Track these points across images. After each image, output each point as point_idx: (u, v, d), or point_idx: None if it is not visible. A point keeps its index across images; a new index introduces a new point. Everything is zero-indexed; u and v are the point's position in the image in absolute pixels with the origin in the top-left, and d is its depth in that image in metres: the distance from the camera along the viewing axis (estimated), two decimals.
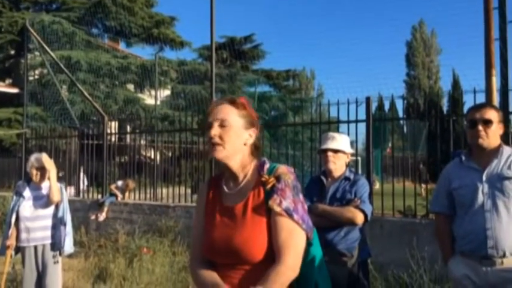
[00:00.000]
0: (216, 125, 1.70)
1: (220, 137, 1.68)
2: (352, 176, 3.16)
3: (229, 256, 1.65)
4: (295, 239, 1.62)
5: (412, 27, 41.68)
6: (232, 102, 1.74)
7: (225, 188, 1.77)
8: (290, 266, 1.58)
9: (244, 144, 1.73)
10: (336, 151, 3.14)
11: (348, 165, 3.27)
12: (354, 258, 2.99)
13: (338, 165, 3.15)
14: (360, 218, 2.96)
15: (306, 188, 3.33)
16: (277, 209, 1.62)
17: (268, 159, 1.78)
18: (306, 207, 1.71)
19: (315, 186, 3.22)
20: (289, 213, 1.62)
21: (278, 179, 1.67)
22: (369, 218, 3.03)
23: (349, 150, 3.26)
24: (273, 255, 1.62)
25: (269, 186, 1.66)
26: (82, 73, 19.05)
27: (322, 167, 3.41)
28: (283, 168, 1.71)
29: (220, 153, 1.69)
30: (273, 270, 1.57)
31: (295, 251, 1.61)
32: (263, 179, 1.69)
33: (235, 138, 1.70)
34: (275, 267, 1.57)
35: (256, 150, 1.78)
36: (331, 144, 3.15)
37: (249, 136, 1.74)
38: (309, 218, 1.71)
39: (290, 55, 62.00)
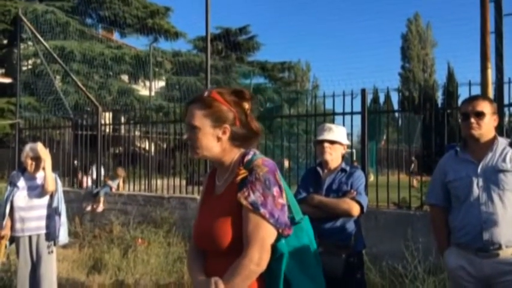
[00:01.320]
0: (187, 129, 1.76)
1: (191, 140, 1.74)
2: (348, 168, 3.15)
3: (207, 244, 1.71)
4: (261, 233, 1.59)
5: (407, 20, 41.70)
6: (199, 101, 1.73)
7: (217, 180, 1.81)
8: (253, 260, 1.57)
9: (218, 141, 1.72)
10: (332, 142, 3.13)
11: (344, 157, 3.27)
12: (349, 250, 3.00)
13: (334, 157, 3.14)
14: (356, 210, 2.97)
15: (302, 179, 3.33)
16: (243, 202, 1.61)
17: (255, 150, 1.76)
18: (281, 201, 1.65)
19: (311, 178, 3.21)
20: (255, 207, 1.60)
21: (251, 171, 1.65)
22: (364, 209, 3.04)
23: (346, 141, 3.24)
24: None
25: (239, 178, 1.66)
26: (76, 63, 18.93)
27: (318, 159, 3.40)
28: (258, 161, 1.68)
29: (195, 155, 1.76)
30: (237, 263, 1.59)
31: (260, 245, 1.59)
32: (237, 170, 1.69)
33: (204, 139, 1.72)
34: (239, 260, 1.59)
35: (240, 140, 1.74)
36: (327, 135, 3.14)
37: (222, 132, 1.71)
38: (283, 213, 1.65)
39: (285, 46, 61.95)
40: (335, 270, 2.87)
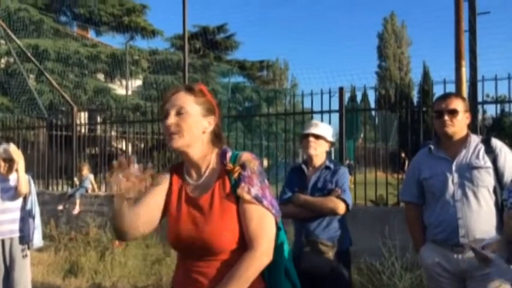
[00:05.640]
0: (172, 113, 1.65)
1: (178, 126, 1.64)
2: (332, 166, 3.15)
3: (198, 249, 1.63)
4: (267, 224, 1.62)
5: (383, 19, 42.24)
6: (190, 90, 1.71)
7: (188, 179, 1.73)
8: (264, 251, 1.59)
9: (203, 132, 1.69)
10: (317, 137, 3.11)
11: (328, 155, 3.27)
12: (335, 248, 2.99)
13: (319, 152, 3.12)
14: (341, 208, 2.97)
15: (287, 178, 3.32)
16: (246, 197, 1.61)
17: (229, 147, 1.75)
18: (271, 191, 1.70)
19: (296, 176, 3.19)
20: (259, 200, 1.61)
21: (243, 166, 1.65)
22: (350, 207, 3.04)
23: (331, 138, 3.22)
24: (243, 244, 1.61)
25: (235, 175, 1.64)
26: (50, 62, 18.52)
27: (303, 154, 3.40)
28: (247, 155, 1.69)
29: (178, 142, 1.64)
30: (246, 257, 1.57)
31: (267, 236, 1.61)
32: (228, 167, 1.66)
33: (193, 126, 1.66)
34: (249, 253, 1.57)
35: (217, 138, 1.73)
36: (313, 130, 3.12)
37: (208, 124, 1.70)
38: (276, 202, 1.70)
39: (263, 44, 61.97)
40: (322, 268, 2.89)
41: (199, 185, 1.70)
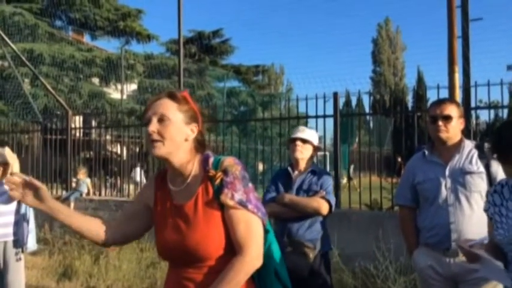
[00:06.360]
0: (154, 120, 1.63)
1: (159, 133, 1.62)
2: (317, 170, 3.24)
3: (184, 257, 1.64)
4: (254, 229, 1.61)
5: (377, 24, 42.44)
6: (172, 97, 1.68)
7: (171, 186, 1.73)
8: (254, 255, 1.59)
9: (186, 140, 1.67)
10: (304, 141, 3.19)
11: (312, 158, 3.32)
12: (316, 250, 3.05)
13: (305, 156, 3.20)
14: (325, 208, 3.03)
15: (273, 179, 3.38)
16: (230, 203, 1.60)
17: (212, 152, 1.74)
18: (256, 194, 1.69)
19: (282, 178, 3.26)
20: (243, 205, 1.60)
21: (225, 172, 1.63)
22: (333, 209, 3.11)
23: (317, 143, 3.31)
24: (230, 249, 1.61)
25: (217, 181, 1.63)
26: (45, 66, 18.50)
27: (290, 159, 3.46)
28: (229, 160, 1.67)
29: (160, 150, 1.63)
30: (236, 262, 1.56)
31: (256, 241, 1.61)
32: (210, 174, 1.64)
33: (176, 134, 1.64)
34: (238, 258, 1.57)
35: (200, 145, 1.72)
36: (300, 134, 3.21)
37: (191, 131, 1.68)
38: (261, 204, 1.69)
39: (259, 48, 62.11)
40: (302, 269, 2.94)
41: (182, 192, 1.69)
